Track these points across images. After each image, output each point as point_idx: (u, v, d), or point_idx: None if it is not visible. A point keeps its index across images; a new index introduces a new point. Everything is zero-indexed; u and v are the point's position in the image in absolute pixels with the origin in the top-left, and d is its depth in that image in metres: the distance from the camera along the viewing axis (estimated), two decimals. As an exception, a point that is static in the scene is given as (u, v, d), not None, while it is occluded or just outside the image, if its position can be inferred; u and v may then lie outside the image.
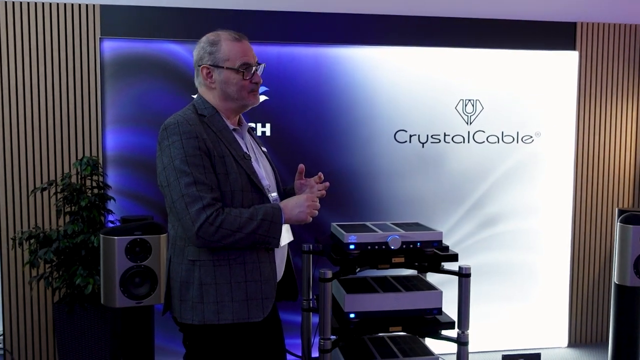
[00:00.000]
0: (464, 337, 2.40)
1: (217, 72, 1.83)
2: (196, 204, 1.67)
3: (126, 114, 3.34)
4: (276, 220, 1.76)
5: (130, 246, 2.49)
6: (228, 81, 1.83)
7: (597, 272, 3.88)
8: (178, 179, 1.69)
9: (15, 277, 3.29)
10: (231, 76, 1.83)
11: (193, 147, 1.71)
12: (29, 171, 3.27)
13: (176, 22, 3.33)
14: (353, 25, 3.49)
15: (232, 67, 1.82)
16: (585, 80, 3.78)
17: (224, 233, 1.68)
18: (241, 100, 1.86)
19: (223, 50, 1.83)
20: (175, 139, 1.72)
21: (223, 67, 1.82)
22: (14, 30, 3.21)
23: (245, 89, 1.85)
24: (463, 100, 3.66)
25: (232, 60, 1.82)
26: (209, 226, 1.66)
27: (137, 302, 2.52)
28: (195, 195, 1.67)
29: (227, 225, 1.68)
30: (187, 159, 1.70)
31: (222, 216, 1.68)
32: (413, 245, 2.35)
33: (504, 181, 3.74)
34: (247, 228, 1.70)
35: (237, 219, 1.70)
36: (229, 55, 1.82)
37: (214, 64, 1.83)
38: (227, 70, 1.82)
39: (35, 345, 3.33)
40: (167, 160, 1.72)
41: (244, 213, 1.72)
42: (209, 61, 1.83)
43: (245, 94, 1.86)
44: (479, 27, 3.63)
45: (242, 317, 1.76)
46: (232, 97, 1.85)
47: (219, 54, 1.82)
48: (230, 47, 1.83)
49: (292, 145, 3.49)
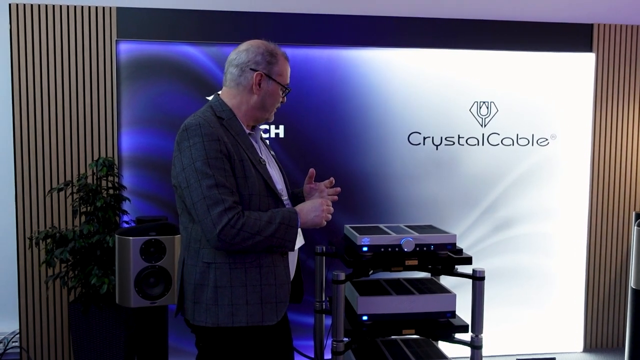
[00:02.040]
0: (477, 341, 2.39)
1: (267, 82, 1.89)
2: (218, 207, 1.68)
3: (141, 115, 3.37)
4: (293, 224, 1.78)
5: (145, 246, 2.52)
6: (273, 94, 1.91)
7: (614, 277, 3.84)
8: (199, 181, 1.70)
9: (32, 277, 3.33)
10: (277, 91, 1.91)
11: (215, 149, 1.72)
12: (46, 172, 3.31)
13: (191, 25, 3.35)
14: (367, 27, 3.49)
15: (282, 83, 1.91)
16: (601, 82, 3.74)
17: (244, 236, 1.69)
18: (269, 113, 1.95)
19: (279, 65, 1.91)
20: (196, 140, 1.73)
21: (275, 80, 1.89)
22: (32, 33, 3.25)
23: (276, 105, 1.95)
24: (477, 102, 3.64)
25: (284, 78, 1.93)
26: (231, 229, 1.67)
27: (152, 302, 2.55)
28: (217, 198, 1.68)
29: (248, 229, 1.70)
30: (209, 161, 1.71)
31: (243, 219, 1.70)
32: (427, 247, 2.35)
33: (519, 184, 3.71)
34: (266, 231, 1.72)
35: (257, 222, 1.72)
36: (282, 72, 1.92)
37: (269, 74, 1.89)
38: (277, 84, 1.90)
39: (50, 343, 3.37)
40: (188, 161, 1.73)
41: (263, 217, 1.74)
42: (265, 70, 1.89)
43: (273, 110, 1.96)
44: (494, 28, 3.61)
45: (256, 321, 1.77)
46: (265, 109, 1.92)
47: (276, 67, 1.90)
48: (284, 66, 1.93)
49: (305, 147, 3.50)
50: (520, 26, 3.63)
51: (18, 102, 3.26)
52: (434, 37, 3.55)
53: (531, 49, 3.64)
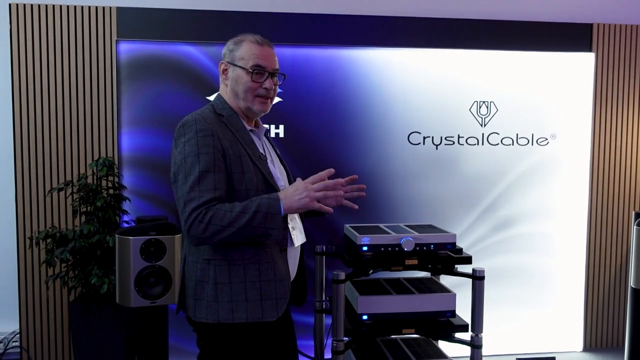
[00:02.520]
0: (477, 340, 2.39)
1: (231, 69, 1.87)
2: (192, 204, 1.68)
3: (141, 115, 3.37)
4: (273, 210, 1.69)
5: (145, 246, 2.52)
6: (238, 79, 1.86)
7: (613, 276, 3.84)
8: (185, 178, 1.71)
9: (32, 276, 3.33)
10: (241, 75, 1.85)
11: (208, 144, 1.73)
12: (46, 172, 3.31)
13: (192, 25, 3.35)
14: (367, 27, 3.49)
15: (243, 66, 1.85)
16: (601, 82, 3.75)
17: (214, 229, 1.66)
18: (246, 101, 1.86)
19: (242, 49, 1.86)
20: (191, 136, 1.74)
21: (237, 65, 1.86)
22: (32, 33, 3.25)
23: (251, 91, 1.85)
24: (477, 102, 3.65)
25: (246, 60, 1.85)
26: (199, 224, 1.66)
27: (152, 302, 2.54)
28: (194, 195, 1.68)
29: (217, 221, 1.66)
30: (200, 157, 1.71)
31: (211, 212, 1.66)
32: (426, 247, 2.35)
33: (519, 183, 3.71)
34: (238, 222, 1.66)
35: (227, 213, 1.67)
36: (244, 55, 1.85)
37: (231, 61, 1.87)
38: (240, 68, 1.85)
39: (51, 343, 3.37)
40: (180, 157, 1.74)
41: (236, 207, 1.68)
42: (228, 58, 1.89)
43: (251, 97, 1.86)
44: (494, 28, 3.61)
45: (256, 317, 1.76)
46: (239, 97, 1.87)
47: (237, 53, 1.86)
48: (248, 48, 1.86)
49: (305, 147, 3.50)
50: (520, 26, 3.63)
51: (18, 101, 3.26)
52: (434, 37, 3.56)
53: (531, 49, 3.65)
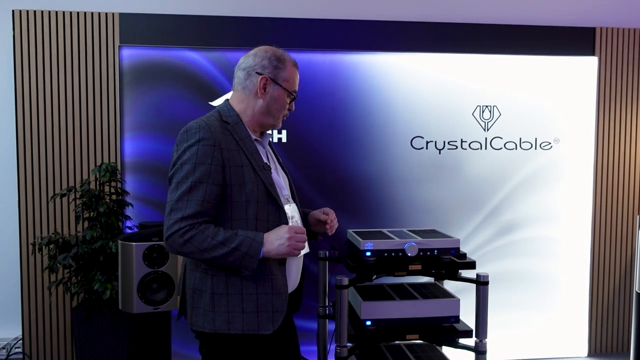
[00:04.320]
0: (481, 346, 2.38)
1: (273, 86, 1.87)
2: (177, 213, 1.68)
3: (144, 121, 3.37)
4: (252, 253, 1.69)
5: (148, 252, 2.52)
6: (278, 99, 1.88)
7: (618, 281, 3.82)
8: (178, 184, 1.71)
9: (34, 282, 3.33)
10: (283, 96, 1.89)
11: (207, 155, 1.71)
12: (49, 177, 3.31)
13: (194, 30, 3.36)
14: (369, 32, 3.49)
15: (287, 88, 1.89)
16: (604, 86, 3.74)
17: (191, 249, 1.68)
18: (275, 120, 1.92)
19: (287, 71, 1.89)
20: (192, 143, 1.73)
21: (281, 86, 1.88)
22: (35, 39, 3.26)
23: (283, 112, 1.92)
24: (480, 106, 3.64)
25: (290, 84, 1.90)
26: (179, 238, 1.67)
27: (155, 308, 2.54)
28: (181, 205, 1.68)
29: (196, 243, 1.67)
30: (196, 167, 1.70)
31: (193, 232, 1.67)
32: (430, 252, 2.34)
33: (522, 188, 3.70)
34: (215, 251, 1.67)
35: (208, 239, 1.67)
36: (289, 78, 1.89)
37: (274, 79, 1.87)
38: (282, 89, 1.88)
39: (53, 349, 3.36)
40: (178, 162, 1.74)
41: (219, 236, 1.68)
42: (272, 74, 1.87)
43: (280, 116, 1.93)
44: (497, 33, 3.61)
45: (252, 329, 1.76)
46: (271, 114, 1.89)
47: (283, 73, 1.88)
48: (292, 72, 1.91)
49: (308, 152, 3.50)
50: (523, 30, 3.63)
51: (21, 107, 3.27)
52: (437, 42, 3.56)
53: (534, 53, 3.64)
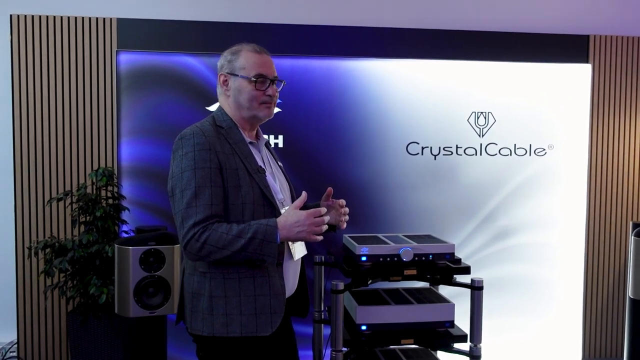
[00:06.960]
0: (476, 351, 2.39)
1: (232, 79, 1.86)
2: (189, 220, 1.68)
3: (141, 125, 3.38)
4: (269, 238, 1.68)
5: (144, 256, 2.52)
6: (241, 89, 1.85)
7: (612, 286, 3.84)
8: (182, 192, 1.72)
9: (30, 286, 3.33)
10: (244, 85, 1.85)
11: (204, 159, 1.72)
12: (45, 181, 3.32)
13: (192, 35, 3.37)
14: (366, 38, 3.52)
15: (246, 76, 1.85)
16: (598, 93, 3.77)
17: (209, 249, 1.67)
18: (251, 110, 1.86)
19: (241, 59, 1.86)
20: (188, 150, 1.74)
21: (238, 75, 1.85)
22: (33, 43, 3.27)
23: (256, 99, 1.85)
24: (475, 112, 3.67)
25: (248, 70, 1.85)
26: (195, 242, 1.67)
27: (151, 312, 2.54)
28: (191, 212, 1.68)
29: (212, 242, 1.67)
30: (196, 172, 1.71)
31: (208, 232, 1.67)
32: (425, 257, 2.35)
33: (517, 194, 3.73)
34: (233, 246, 1.67)
35: (224, 235, 1.67)
36: (245, 65, 1.85)
37: (231, 72, 1.86)
38: (242, 78, 1.85)
39: (49, 354, 3.36)
40: (178, 170, 1.75)
41: (233, 230, 1.68)
42: (227, 69, 1.87)
43: (256, 105, 1.86)
44: (492, 40, 3.64)
45: (250, 331, 1.76)
46: (243, 106, 1.86)
47: (237, 63, 1.86)
48: (248, 57, 1.86)
49: (304, 157, 3.51)
50: (517, 37, 3.67)
51: (18, 112, 3.27)
52: (432, 48, 3.58)
53: (528, 60, 3.67)
